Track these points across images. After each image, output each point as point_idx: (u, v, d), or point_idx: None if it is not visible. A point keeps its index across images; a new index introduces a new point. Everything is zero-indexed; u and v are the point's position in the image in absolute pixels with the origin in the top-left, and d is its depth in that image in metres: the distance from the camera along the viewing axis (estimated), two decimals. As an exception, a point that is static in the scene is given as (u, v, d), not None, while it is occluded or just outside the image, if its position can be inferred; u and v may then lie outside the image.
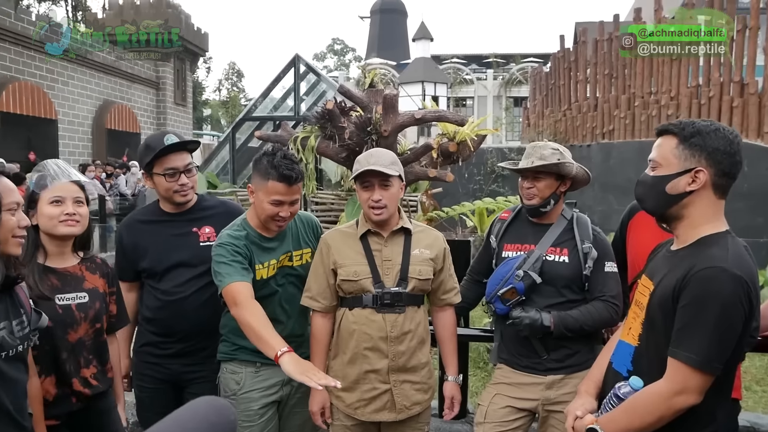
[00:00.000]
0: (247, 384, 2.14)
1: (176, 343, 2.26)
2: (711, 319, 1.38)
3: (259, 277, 2.09)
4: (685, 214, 1.53)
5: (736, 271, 1.39)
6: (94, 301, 1.95)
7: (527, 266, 2.11)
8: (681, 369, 1.41)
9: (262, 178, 2.03)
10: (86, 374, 1.93)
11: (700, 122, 1.52)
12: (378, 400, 2.06)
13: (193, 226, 2.30)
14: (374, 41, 35.52)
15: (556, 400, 2.10)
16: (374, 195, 2.01)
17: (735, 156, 1.49)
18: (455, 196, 9.37)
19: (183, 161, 2.23)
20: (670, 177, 1.52)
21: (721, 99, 8.77)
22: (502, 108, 27.34)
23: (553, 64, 14.22)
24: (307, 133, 5.89)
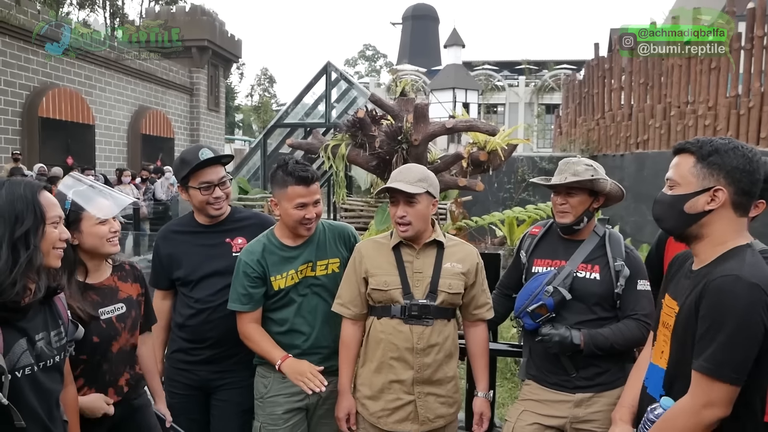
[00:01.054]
0: (274, 389, 2.19)
1: (206, 349, 2.31)
2: (723, 326, 1.37)
3: (276, 288, 2.17)
4: (705, 234, 1.51)
5: (752, 279, 1.37)
6: (131, 309, 2.01)
7: (557, 282, 2.09)
8: (700, 380, 1.40)
9: (281, 187, 2.13)
10: (122, 382, 1.99)
11: (717, 140, 1.51)
12: (401, 411, 2.06)
13: (226, 237, 2.36)
14: (405, 47, 35.62)
15: (584, 418, 2.07)
16: (399, 211, 2.05)
17: (754, 174, 1.48)
18: (485, 204, 9.31)
19: (217, 175, 2.30)
20: (688, 196, 1.51)
21: (761, 110, 8.51)
22: (533, 115, 27.08)
23: (587, 72, 14.03)
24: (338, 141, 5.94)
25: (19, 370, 1.45)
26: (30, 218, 1.46)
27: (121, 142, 18.90)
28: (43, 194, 1.53)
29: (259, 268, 2.15)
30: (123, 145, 19.01)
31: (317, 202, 2.16)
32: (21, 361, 1.46)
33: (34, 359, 1.49)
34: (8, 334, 1.44)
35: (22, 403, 1.44)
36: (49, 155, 14.23)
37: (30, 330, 1.50)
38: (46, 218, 1.50)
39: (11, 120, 14.40)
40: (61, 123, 15.54)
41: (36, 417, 1.49)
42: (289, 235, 2.21)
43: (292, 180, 2.10)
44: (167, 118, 20.99)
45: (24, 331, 1.48)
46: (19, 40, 14.38)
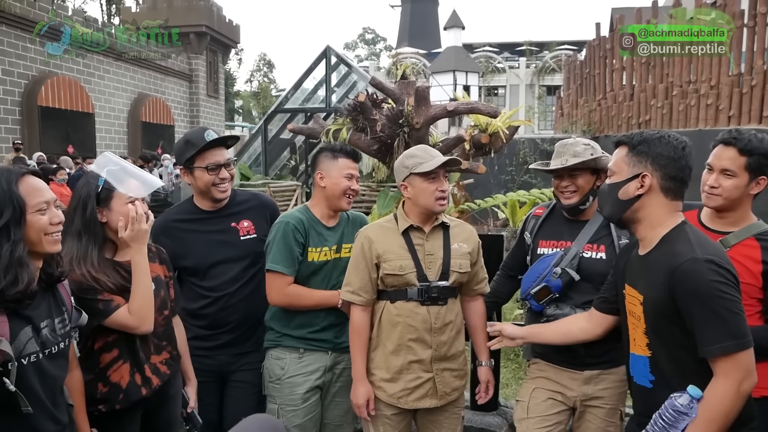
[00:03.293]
0: (291, 369, 2.23)
1: (225, 334, 2.33)
2: (714, 305, 1.45)
3: (311, 259, 2.24)
4: (640, 217, 1.63)
5: (706, 256, 1.48)
6: (159, 289, 2.00)
7: (565, 263, 2.10)
8: (727, 362, 1.45)
9: (332, 159, 2.29)
10: (156, 360, 1.98)
11: (647, 132, 1.65)
12: (421, 389, 2.11)
13: (231, 221, 2.36)
14: (405, 30, 35.33)
15: (593, 395, 2.10)
16: (442, 185, 2.10)
17: (680, 160, 1.59)
18: (487, 187, 9.31)
19: (223, 156, 2.31)
20: (621, 183, 1.65)
21: (764, 88, 8.45)
22: (534, 97, 26.94)
23: (588, 52, 13.92)
24: (339, 126, 5.93)
25: (25, 357, 1.46)
26: (8, 210, 1.43)
27: (121, 130, 18.87)
28: (24, 182, 1.49)
29: (305, 234, 2.24)
30: (123, 133, 18.98)
31: (357, 178, 2.33)
32: (27, 348, 1.47)
33: (39, 346, 1.50)
34: (14, 323, 1.45)
35: (27, 390, 1.46)
36: (49, 144, 14.22)
37: (35, 318, 1.51)
38: (27, 207, 1.47)
39: (11, 110, 14.38)
40: (61, 112, 15.51)
41: (41, 403, 1.51)
42: (326, 213, 2.31)
43: (342, 154, 2.30)
44: (167, 105, 20.93)
45: (29, 319, 1.49)
46: (16, 29, 14.31)
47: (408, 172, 2.09)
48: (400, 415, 2.15)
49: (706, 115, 9.34)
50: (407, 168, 2.10)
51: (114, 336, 1.87)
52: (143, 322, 1.84)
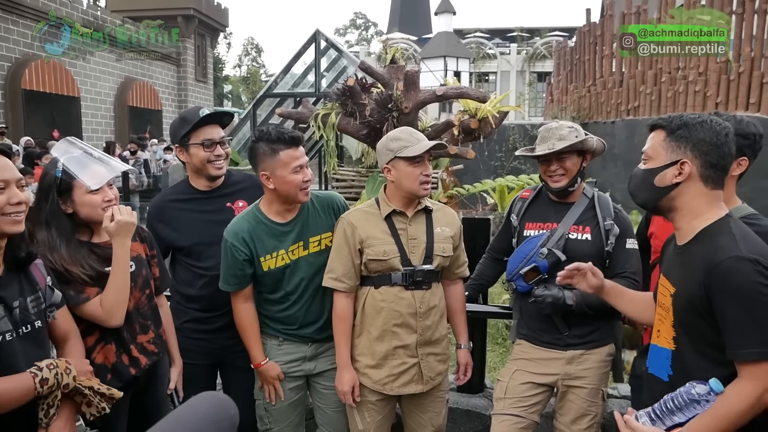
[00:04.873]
0: (271, 355, 2.22)
1: (223, 316, 2.29)
2: (752, 308, 1.36)
3: (266, 268, 2.13)
4: (676, 206, 1.53)
5: (751, 255, 1.38)
6: (141, 268, 1.97)
7: (551, 244, 2.12)
8: (758, 367, 1.37)
9: (271, 155, 2.04)
10: (143, 340, 1.96)
11: (688, 115, 1.54)
12: (407, 374, 2.11)
13: (227, 201, 2.33)
14: (396, 15, 35.08)
15: (575, 374, 2.13)
16: (427, 169, 2.06)
17: (723, 147, 1.49)
18: (476, 173, 9.32)
19: (218, 133, 2.28)
20: (657, 170, 1.54)
21: (751, 75, 8.51)
22: (525, 83, 26.92)
23: (578, 38, 13.92)
24: (328, 110, 5.89)
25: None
26: None
27: (108, 114, 18.63)
28: None
29: (246, 249, 2.11)
30: (110, 118, 18.75)
31: (307, 166, 2.14)
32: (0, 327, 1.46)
33: (12, 326, 1.49)
34: None
35: (6, 368, 1.46)
36: (34, 128, 14.01)
37: (6, 297, 1.50)
38: None
39: (-6, 93, 14.14)
40: (46, 95, 15.27)
41: None
42: (278, 210, 2.15)
43: (281, 145, 2.04)
44: (154, 90, 20.68)
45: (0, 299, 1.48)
46: (-2, 10, 14.01)
47: (392, 155, 2.05)
48: (385, 400, 2.15)
49: (695, 102, 9.39)
50: (392, 151, 2.06)
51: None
52: (112, 316, 1.81)
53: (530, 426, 2.17)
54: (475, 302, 2.48)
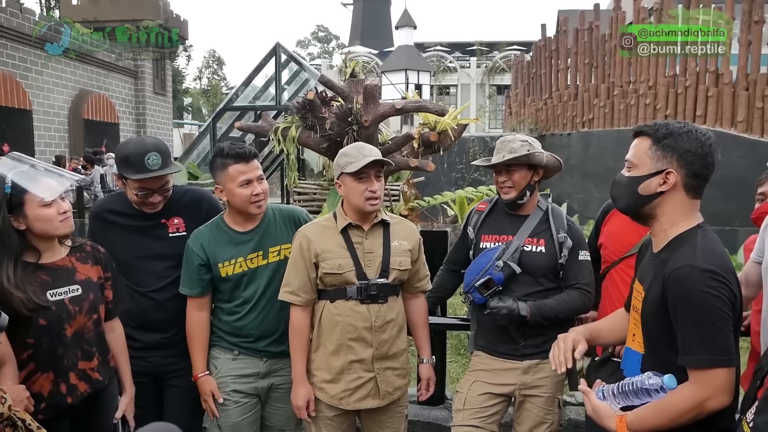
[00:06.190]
0: (223, 369, 2.20)
1: (154, 334, 2.26)
2: (699, 316, 1.39)
3: (224, 274, 2.17)
4: (658, 214, 1.54)
5: (705, 265, 1.40)
6: (88, 292, 1.91)
7: (506, 257, 2.16)
8: (703, 374, 1.40)
9: (222, 169, 2.14)
10: (85, 367, 1.90)
11: (674, 124, 1.53)
12: (363, 389, 2.10)
13: (162, 218, 2.29)
14: (357, 29, 35.27)
15: (532, 384, 2.17)
16: (372, 186, 2.06)
17: (707, 158, 1.50)
18: (437, 185, 9.42)
19: (160, 183, 2.20)
20: (643, 178, 1.53)
21: (697, 88, 8.90)
22: (485, 96, 27.40)
23: (534, 52, 14.28)
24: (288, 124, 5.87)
25: None
26: None
27: (61, 127, 18.06)
28: None
29: (203, 254, 2.15)
30: (64, 131, 18.17)
31: (261, 178, 2.17)
32: None
33: None
34: None
35: None
36: (-18, 142, 13.46)
37: None
38: None
39: (-61, 105, 13.56)
40: (-5, 108, 14.71)
41: None
42: (239, 220, 2.20)
43: (230, 160, 2.11)
44: (111, 103, 20.18)
45: None
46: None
47: (340, 170, 2.08)
48: (343, 416, 2.14)
49: (645, 114, 9.74)
50: (339, 166, 2.09)
51: (28, 352, 1.77)
52: None
53: None
54: (433, 314, 2.50)
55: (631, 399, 1.50)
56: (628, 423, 1.47)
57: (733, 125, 8.40)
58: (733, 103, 8.44)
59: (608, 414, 1.50)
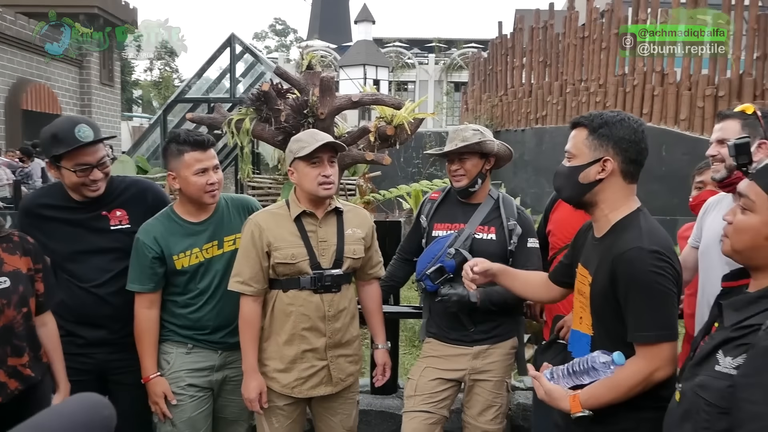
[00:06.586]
0: (177, 364, 2.15)
1: (98, 330, 2.18)
2: (649, 295, 1.47)
3: (180, 266, 2.12)
4: (599, 200, 1.61)
5: (652, 246, 1.48)
6: (17, 284, 1.83)
7: (458, 244, 2.19)
8: (646, 350, 1.48)
9: (177, 156, 2.08)
10: (15, 363, 1.81)
11: (607, 113, 1.60)
12: (315, 377, 2.09)
13: (103, 210, 2.19)
14: (316, 23, 34.99)
15: (481, 369, 2.21)
16: (326, 170, 2.04)
17: (640, 143, 1.57)
18: (394, 179, 9.45)
19: (96, 155, 2.08)
20: (582, 167, 1.60)
21: (644, 87, 9.23)
22: (443, 92, 27.64)
23: (491, 50, 14.49)
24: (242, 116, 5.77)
25: None
26: None
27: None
28: None
29: (157, 247, 2.09)
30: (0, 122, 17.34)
31: (217, 168, 2.13)
32: None
33: None
34: None
35: None
36: None
37: None
38: None
39: None
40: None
41: None
42: (191, 210, 2.15)
43: (187, 147, 2.07)
44: (53, 93, 19.34)
45: None
46: None
47: (293, 156, 2.06)
48: (294, 405, 2.13)
49: (596, 112, 10.01)
50: (292, 152, 2.07)
51: None
52: None
53: (440, 421, 2.22)
54: (386, 303, 2.51)
55: (580, 378, 1.55)
56: (582, 401, 1.52)
57: (677, 123, 8.75)
58: (676, 102, 8.78)
59: (561, 395, 1.55)
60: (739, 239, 1.25)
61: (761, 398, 1.05)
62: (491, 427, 2.21)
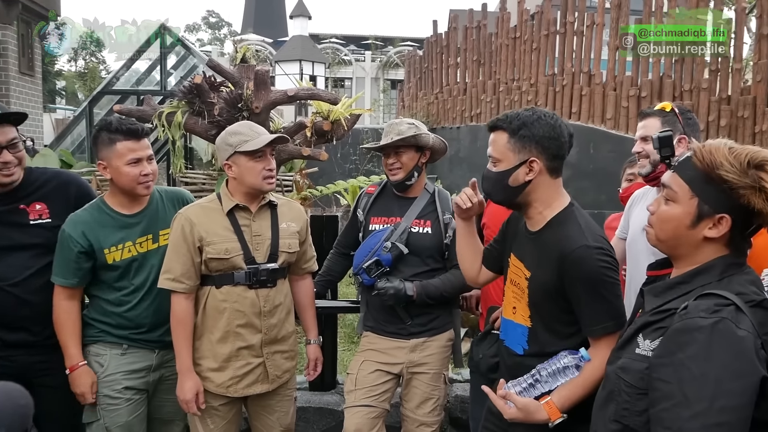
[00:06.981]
0: (111, 366, 2.06)
1: (18, 332, 2.05)
2: (603, 290, 1.53)
3: (111, 261, 2.03)
4: (532, 200, 1.64)
5: (596, 243, 1.54)
6: None
7: (394, 238, 2.21)
8: (610, 338, 1.52)
9: (108, 145, 1.99)
10: None
11: (522, 113, 1.63)
12: (251, 374, 2.05)
13: (20, 203, 2.06)
14: (250, 16, 34.26)
15: (419, 361, 2.24)
16: (270, 164, 2.02)
17: (560, 138, 1.61)
18: (332, 176, 9.40)
19: (5, 136, 1.96)
20: (509, 171, 1.62)
21: (572, 87, 9.59)
22: (379, 90, 27.74)
23: (426, 48, 14.65)
24: (174, 109, 5.58)
25: None
26: None
27: None
28: None
29: (85, 241, 1.99)
30: None
31: (151, 158, 2.05)
32: None
33: None
34: None
35: None
36: None
37: None
38: None
39: None
40: None
41: None
42: (123, 202, 2.07)
43: (120, 136, 1.98)
44: (-34, 82, 18.00)
45: None
46: None
47: (232, 150, 2.00)
48: (229, 404, 2.08)
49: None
50: (231, 146, 2.00)
51: None
52: None
53: (381, 414, 2.23)
54: (323, 298, 2.50)
55: (549, 384, 1.56)
56: (558, 406, 1.53)
57: (603, 122, 9.15)
58: (603, 101, 9.18)
59: (536, 407, 1.54)
60: (663, 228, 1.30)
61: (673, 378, 1.11)
62: (429, 419, 2.24)
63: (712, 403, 1.05)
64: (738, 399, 1.06)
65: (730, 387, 1.05)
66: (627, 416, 1.24)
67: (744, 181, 1.17)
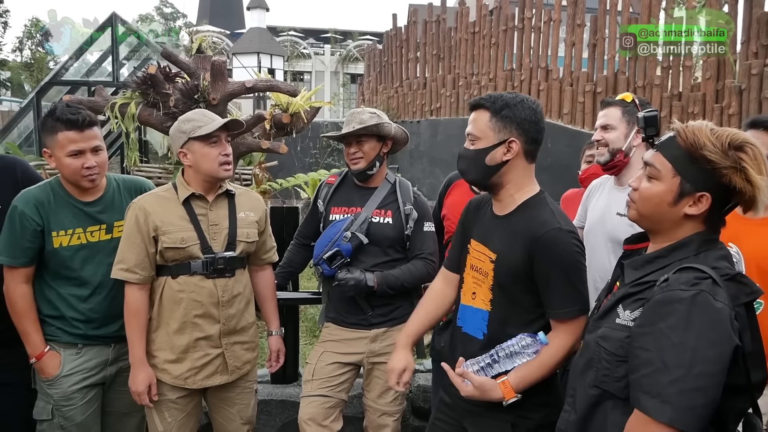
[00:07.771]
0: (67, 367, 1.99)
1: None
2: (573, 273, 1.56)
3: (57, 245, 1.95)
4: (505, 182, 1.65)
5: (568, 227, 1.58)
6: None
7: (354, 228, 2.20)
8: (572, 323, 1.57)
9: (51, 134, 1.92)
10: None
11: (506, 95, 1.64)
12: (210, 366, 2.02)
13: None
14: (206, 7, 33.47)
15: (379, 352, 2.24)
16: (226, 149, 1.99)
17: (539, 123, 1.64)
18: (291, 169, 9.31)
19: None
20: (488, 149, 1.62)
21: (530, 82, 9.75)
22: (339, 84, 27.60)
23: (386, 42, 14.64)
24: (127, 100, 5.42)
25: None
26: None
27: None
28: None
29: (39, 219, 1.91)
30: None
31: (97, 150, 1.97)
32: None
33: None
34: None
35: None
36: None
37: None
38: None
39: None
40: None
41: None
42: (74, 190, 2.00)
43: (61, 125, 1.90)
44: None
45: None
46: None
47: (186, 137, 1.96)
48: (188, 397, 2.05)
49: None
50: (184, 133, 1.97)
51: None
52: None
53: (337, 405, 2.22)
54: (284, 290, 2.47)
55: (505, 365, 1.58)
56: (513, 386, 1.56)
57: (560, 117, 9.35)
58: (560, 96, 9.37)
59: (492, 385, 1.57)
60: (645, 205, 1.33)
61: (653, 346, 1.15)
62: (391, 408, 2.25)
63: (690, 369, 1.10)
64: (713, 365, 1.11)
65: (706, 354, 1.10)
66: (606, 382, 1.28)
67: (725, 161, 1.22)
